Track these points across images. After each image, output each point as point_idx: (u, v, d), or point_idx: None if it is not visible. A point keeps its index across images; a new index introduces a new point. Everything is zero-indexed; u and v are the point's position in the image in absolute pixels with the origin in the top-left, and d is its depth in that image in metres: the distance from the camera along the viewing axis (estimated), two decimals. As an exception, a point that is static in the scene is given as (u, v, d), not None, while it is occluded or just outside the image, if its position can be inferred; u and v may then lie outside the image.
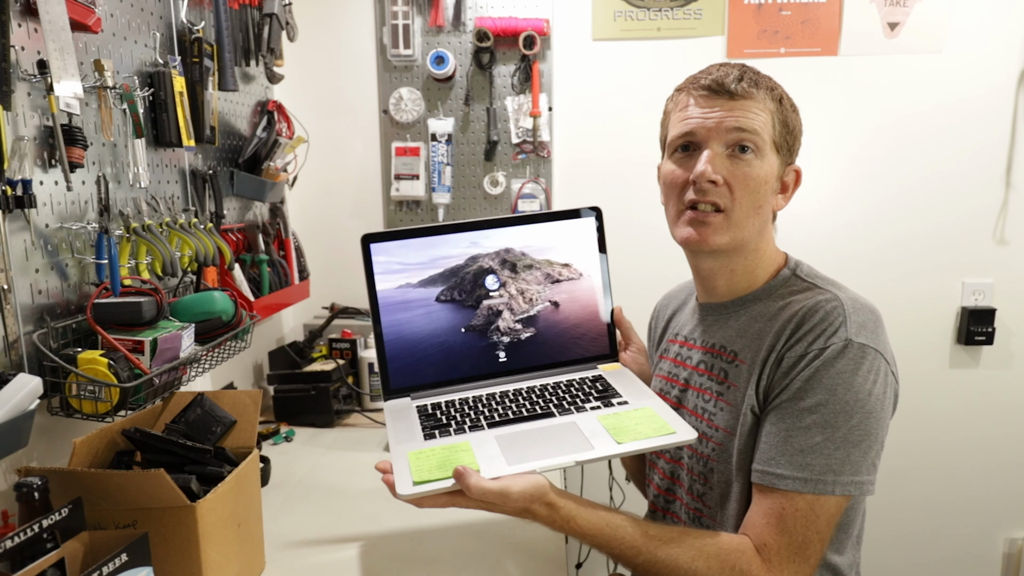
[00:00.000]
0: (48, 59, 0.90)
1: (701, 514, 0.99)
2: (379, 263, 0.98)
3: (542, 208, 1.86)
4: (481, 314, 1.03)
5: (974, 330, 1.86)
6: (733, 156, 0.91)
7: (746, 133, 0.91)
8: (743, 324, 0.97)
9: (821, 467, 0.83)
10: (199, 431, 1.00)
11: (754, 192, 0.92)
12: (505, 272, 1.04)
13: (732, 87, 0.91)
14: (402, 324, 0.99)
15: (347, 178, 1.91)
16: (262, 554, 1.00)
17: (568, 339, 1.08)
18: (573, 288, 1.10)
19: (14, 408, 0.80)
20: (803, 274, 0.98)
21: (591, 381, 1.01)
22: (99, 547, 0.73)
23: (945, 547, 1.99)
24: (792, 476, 0.83)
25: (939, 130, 1.81)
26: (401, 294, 0.99)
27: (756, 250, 0.97)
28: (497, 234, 1.04)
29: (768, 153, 0.93)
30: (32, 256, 0.93)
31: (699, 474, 0.98)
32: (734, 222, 0.92)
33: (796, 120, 0.97)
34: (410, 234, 1.00)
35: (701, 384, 1.00)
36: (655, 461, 1.09)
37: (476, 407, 0.95)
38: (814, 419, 0.84)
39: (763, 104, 0.92)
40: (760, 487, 0.86)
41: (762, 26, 1.78)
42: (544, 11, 1.78)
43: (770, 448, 0.86)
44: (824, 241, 1.86)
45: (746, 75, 0.92)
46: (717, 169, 0.91)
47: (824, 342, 0.85)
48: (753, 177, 0.91)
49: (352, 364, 1.68)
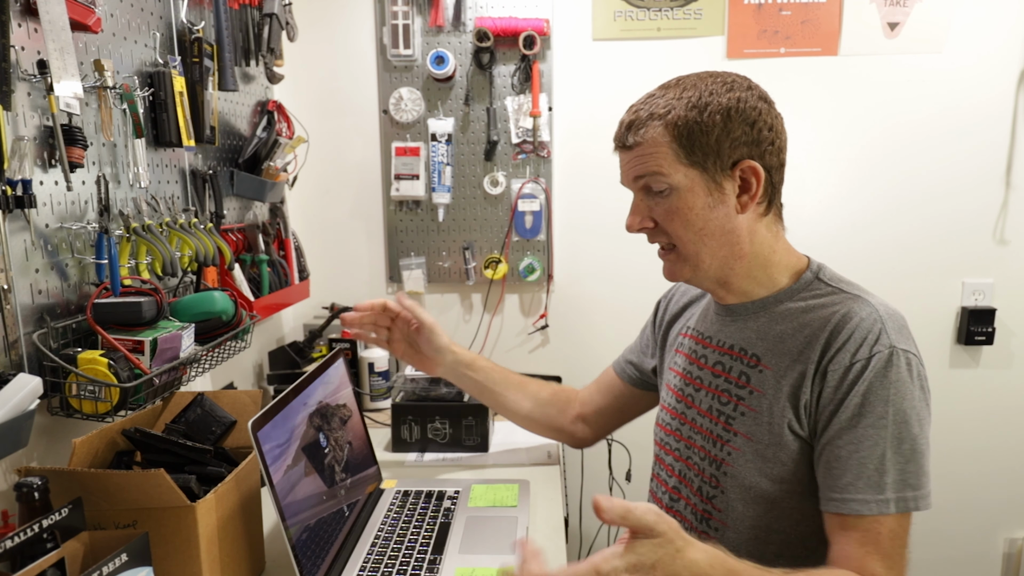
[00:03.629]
0: (48, 59, 0.90)
1: (710, 516, 0.98)
2: (268, 453, 0.87)
3: (542, 208, 1.86)
4: (328, 474, 1.03)
5: (974, 330, 1.86)
6: (652, 197, 0.94)
7: (645, 178, 0.93)
8: (762, 326, 0.96)
9: (898, 484, 0.83)
10: (199, 431, 1.00)
11: (685, 221, 0.92)
12: (325, 426, 1.07)
13: (626, 140, 0.95)
14: (301, 518, 0.92)
15: (347, 178, 1.91)
16: (262, 554, 1.01)
17: (360, 475, 1.16)
18: (352, 424, 1.18)
19: (14, 408, 0.80)
20: (826, 278, 0.96)
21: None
22: (99, 547, 0.73)
23: (945, 547, 1.99)
24: (875, 500, 0.83)
25: (939, 130, 1.81)
26: (288, 481, 0.91)
27: (747, 256, 0.95)
28: (315, 387, 1.07)
29: (680, 180, 0.90)
30: (32, 256, 0.93)
31: (710, 476, 0.97)
32: (684, 255, 0.95)
33: (707, 121, 0.89)
34: (276, 409, 0.93)
35: (718, 386, 0.99)
36: (663, 457, 1.09)
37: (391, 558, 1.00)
38: (880, 435, 0.83)
39: (653, 141, 0.91)
40: (842, 517, 0.85)
41: (762, 26, 1.78)
42: (544, 11, 1.78)
43: (845, 474, 0.84)
44: (824, 241, 1.86)
45: (636, 120, 0.94)
46: (642, 218, 0.95)
47: (869, 351, 0.85)
48: (674, 210, 0.92)
49: (352, 364, 1.68)
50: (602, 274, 1.91)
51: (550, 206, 1.87)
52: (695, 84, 0.92)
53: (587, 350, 1.93)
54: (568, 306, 1.94)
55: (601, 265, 1.91)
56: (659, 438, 1.11)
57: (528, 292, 1.95)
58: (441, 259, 1.92)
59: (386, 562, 0.98)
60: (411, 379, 1.41)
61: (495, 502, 1.15)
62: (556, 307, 1.94)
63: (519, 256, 1.90)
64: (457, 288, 1.96)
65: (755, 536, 0.95)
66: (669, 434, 1.07)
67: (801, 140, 1.83)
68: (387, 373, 1.67)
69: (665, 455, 1.08)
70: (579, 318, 1.94)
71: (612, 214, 1.89)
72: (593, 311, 1.92)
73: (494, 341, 1.97)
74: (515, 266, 1.90)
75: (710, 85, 0.91)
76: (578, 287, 1.93)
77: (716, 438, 0.97)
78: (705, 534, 0.99)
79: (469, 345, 1.95)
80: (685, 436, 1.03)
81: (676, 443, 1.05)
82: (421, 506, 1.14)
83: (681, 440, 1.04)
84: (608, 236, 1.89)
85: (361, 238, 1.94)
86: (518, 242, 1.89)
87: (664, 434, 1.09)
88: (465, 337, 1.96)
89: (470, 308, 1.97)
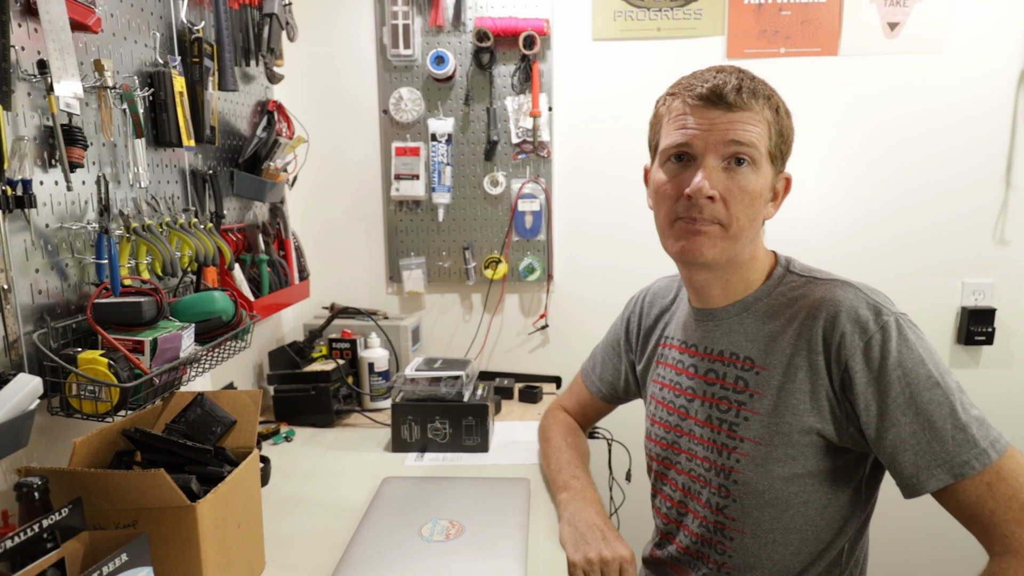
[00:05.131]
0: (48, 59, 0.90)
1: (724, 526, 0.98)
2: None
3: (542, 208, 1.86)
4: None
5: (974, 330, 1.86)
6: (729, 169, 0.90)
7: (743, 146, 0.88)
8: (750, 328, 0.96)
9: (978, 429, 0.81)
10: (199, 431, 1.00)
11: (749, 205, 0.91)
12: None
13: (730, 97, 0.88)
14: None
15: (347, 178, 1.91)
16: (262, 554, 1.00)
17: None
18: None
19: (14, 408, 0.80)
20: (797, 269, 0.98)
21: None
22: (99, 547, 0.73)
23: (945, 546, 1.99)
24: (969, 456, 0.80)
25: (939, 130, 1.81)
26: None
27: (751, 259, 0.97)
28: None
29: (764, 165, 0.91)
30: (32, 256, 0.93)
31: (719, 487, 0.97)
32: (730, 235, 0.91)
33: (790, 127, 0.95)
34: None
35: (713, 394, 0.98)
36: (664, 472, 1.08)
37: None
38: (932, 396, 0.82)
39: (760, 115, 0.89)
40: (951, 490, 0.82)
41: (762, 26, 1.78)
42: (544, 11, 1.78)
43: (929, 450, 0.82)
44: (824, 241, 1.86)
45: (744, 84, 0.89)
46: (714, 184, 0.89)
47: (877, 325, 0.85)
48: (749, 191, 0.90)
49: (352, 364, 1.68)
50: (602, 274, 1.91)
51: (550, 206, 1.87)
52: (765, 83, 0.93)
53: (587, 350, 1.91)
54: (568, 306, 1.94)
55: (601, 265, 1.91)
56: (655, 453, 1.10)
57: (528, 292, 1.95)
58: (441, 259, 1.92)
59: None
60: (411, 379, 1.41)
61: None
62: (556, 307, 1.94)
63: (519, 256, 1.90)
64: (457, 288, 1.96)
65: (773, 539, 0.95)
66: (667, 448, 1.06)
67: (801, 140, 1.82)
68: (387, 373, 1.67)
69: (666, 470, 1.07)
70: (579, 318, 1.94)
71: (612, 214, 1.89)
72: (593, 311, 1.92)
73: (494, 341, 1.97)
74: (515, 266, 1.90)
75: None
76: (578, 287, 1.93)
77: (721, 447, 0.96)
78: (721, 544, 0.99)
79: (469, 345, 1.95)
80: (685, 449, 1.03)
81: (676, 457, 1.05)
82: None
83: (681, 453, 1.04)
84: (608, 236, 1.89)
85: (361, 238, 1.94)
86: (518, 242, 1.89)
87: (661, 449, 1.08)
88: (465, 337, 1.96)
89: (470, 308, 1.97)
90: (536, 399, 1.71)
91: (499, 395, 1.72)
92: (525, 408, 1.68)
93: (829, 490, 0.93)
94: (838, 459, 0.92)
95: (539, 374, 1.91)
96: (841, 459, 0.92)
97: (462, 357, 1.85)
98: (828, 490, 0.93)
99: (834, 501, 0.93)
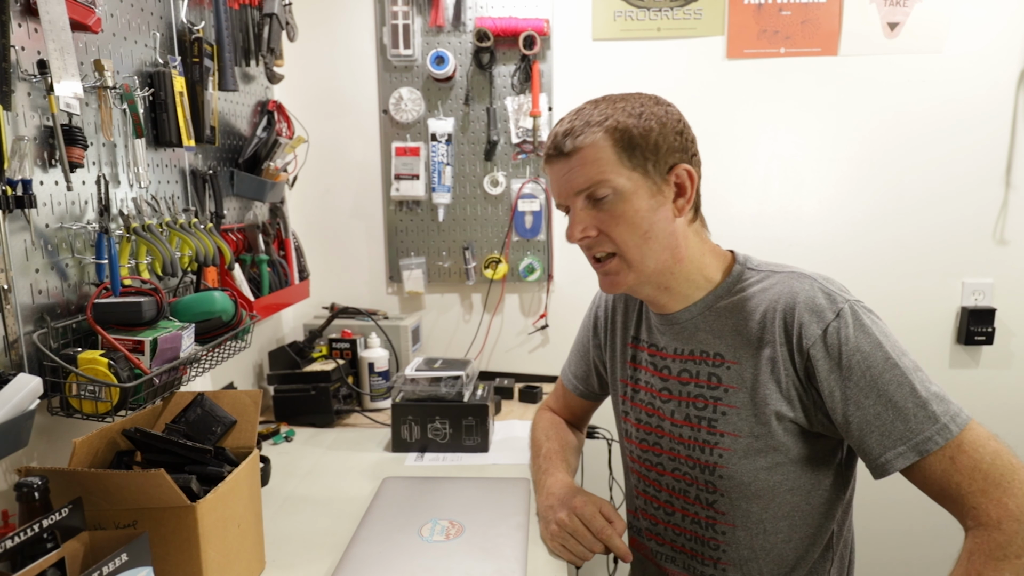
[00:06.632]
0: (48, 59, 0.90)
1: (715, 521, 0.99)
2: None
3: (542, 208, 1.86)
4: None
5: (974, 330, 1.86)
6: (596, 204, 0.93)
7: (588, 188, 0.92)
8: (713, 325, 0.98)
9: (938, 405, 0.83)
10: (199, 431, 1.00)
11: (632, 228, 0.92)
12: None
13: (565, 147, 0.92)
14: None
15: (347, 178, 1.91)
16: (262, 554, 1.00)
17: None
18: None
19: (14, 408, 0.80)
20: (755, 265, 1.00)
21: None
22: (99, 547, 0.73)
23: (945, 546, 1.98)
24: (932, 432, 0.82)
25: (939, 130, 1.81)
26: None
27: (678, 262, 0.97)
28: None
29: (625, 185, 0.91)
30: (32, 256, 0.93)
31: (705, 483, 0.98)
32: (630, 261, 0.94)
33: (646, 128, 0.91)
34: None
35: (689, 393, 1.00)
36: (645, 474, 1.09)
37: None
38: (892, 376, 0.84)
39: (594, 147, 0.91)
40: (918, 467, 0.83)
41: (762, 26, 1.78)
42: (544, 11, 1.78)
43: (893, 430, 0.84)
44: (824, 241, 1.86)
45: (574, 125, 0.93)
46: (586, 226, 0.93)
47: (833, 313, 0.87)
48: (623, 216, 0.92)
49: (352, 364, 1.68)
50: (602, 274, 1.91)
51: (550, 206, 1.87)
52: (624, 98, 0.95)
53: (587, 350, 1.93)
54: (568, 306, 1.94)
55: (601, 265, 1.91)
56: (636, 455, 1.11)
57: (528, 292, 1.95)
58: (441, 259, 1.92)
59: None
60: (411, 379, 1.41)
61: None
62: (556, 307, 1.94)
63: (519, 256, 1.90)
64: (457, 288, 1.96)
65: (764, 529, 0.97)
66: (647, 450, 1.07)
67: (801, 140, 1.83)
68: (387, 373, 1.67)
69: (648, 471, 1.08)
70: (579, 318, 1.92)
71: (612, 214, 1.88)
72: (593, 311, 1.92)
73: (494, 341, 1.97)
74: (515, 266, 1.90)
75: (639, 99, 0.95)
76: (578, 287, 1.92)
77: (702, 444, 0.98)
78: (714, 539, 1.00)
79: (469, 345, 1.95)
80: (667, 449, 1.04)
81: (657, 457, 1.06)
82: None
83: (663, 454, 1.04)
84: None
85: (361, 238, 1.94)
86: (518, 242, 1.89)
87: (641, 451, 1.09)
88: (465, 337, 1.96)
89: (470, 308, 1.97)
90: (536, 399, 1.71)
91: (499, 395, 1.72)
92: (525, 408, 1.68)
93: (812, 476, 0.95)
94: (816, 444, 0.94)
95: (539, 374, 1.91)
96: (818, 444, 0.95)
97: (462, 357, 1.85)
98: (811, 476, 0.95)
99: (818, 486, 0.96)
